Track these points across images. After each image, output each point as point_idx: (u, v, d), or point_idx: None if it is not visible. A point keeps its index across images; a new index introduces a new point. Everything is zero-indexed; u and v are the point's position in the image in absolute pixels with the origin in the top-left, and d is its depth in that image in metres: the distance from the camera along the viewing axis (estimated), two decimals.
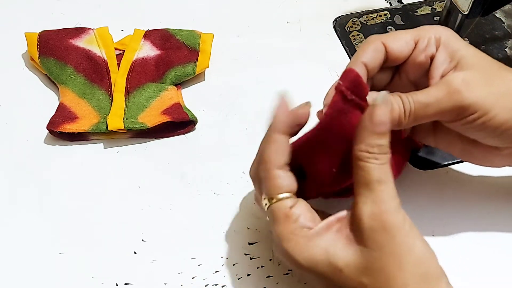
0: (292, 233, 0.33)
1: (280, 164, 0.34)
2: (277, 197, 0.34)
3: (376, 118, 0.32)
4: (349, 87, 0.33)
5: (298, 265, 0.33)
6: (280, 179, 0.34)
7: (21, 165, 0.47)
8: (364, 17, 0.60)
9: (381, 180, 0.32)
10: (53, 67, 0.52)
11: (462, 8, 0.45)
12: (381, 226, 0.31)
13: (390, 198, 0.32)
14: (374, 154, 0.32)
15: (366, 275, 0.31)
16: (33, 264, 0.41)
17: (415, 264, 0.31)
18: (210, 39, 0.55)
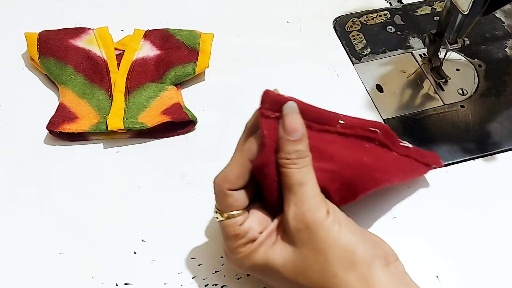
0: (238, 247, 0.35)
1: (236, 186, 0.36)
2: (228, 214, 0.35)
3: (287, 127, 0.35)
4: (269, 108, 0.36)
5: (246, 271, 0.37)
6: (231, 198, 0.35)
7: (21, 165, 0.47)
8: (364, 17, 0.60)
9: (302, 183, 0.34)
10: (53, 67, 0.52)
11: (462, 8, 0.45)
12: (303, 225, 0.34)
13: (310, 197, 0.34)
14: (293, 159, 0.34)
15: (300, 274, 0.34)
16: (33, 264, 0.41)
17: (341, 255, 0.33)
18: (210, 39, 0.55)
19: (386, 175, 0.40)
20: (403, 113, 0.51)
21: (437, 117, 0.51)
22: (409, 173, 0.43)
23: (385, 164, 0.40)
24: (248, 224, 0.35)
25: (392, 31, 0.59)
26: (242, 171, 0.36)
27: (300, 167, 0.34)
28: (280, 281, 0.35)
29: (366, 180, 0.39)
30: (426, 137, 0.49)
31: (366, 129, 0.39)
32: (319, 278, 0.33)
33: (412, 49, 0.57)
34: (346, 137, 0.38)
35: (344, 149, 0.38)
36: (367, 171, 0.39)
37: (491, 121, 0.50)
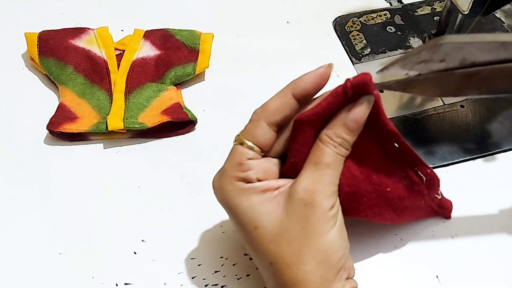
0: (233, 177, 0.34)
1: (271, 120, 0.35)
2: (246, 142, 0.35)
3: (353, 114, 0.34)
4: (353, 86, 0.34)
5: (225, 204, 0.35)
6: (260, 129, 0.35)
7: (21, 165, 0.47)
8: (364, 17, 0.60)
9: (329, 165, 0.34)
10: (53, 67, 0.52)
11: (462, 8, 0.45)
12: (309, 202, 0.33)
13: (329, 182, 0.34)
14: (335, 143, 0.34)
15: (275, 242, 0.33)
16: (33, 264, 0.41)
17: (321, 250, 0.33)
18: (210, 39, 0.55)
19: (396, 216, 0.39)
20: (403, 113, 0.51)
21: (437, 117, 0.51)
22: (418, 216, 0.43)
23: (405, 208, 0.39)
24: (254, 164, 0.35)
25: (392, 31, 0.59)
26: (282, 104, 0.35)
27: (337, 153, 0.34)
28: (246, 232, 0.34)
29: (375, 208, 0.38)
30: (426, 137, 0.49)
31: (413, 169, 0.37)
32: (290, 256, 0.33)
33: (412, 49, 0.57)
34: (388, 159, 0.37)
35: (379, 167, 0.37)
36: (384, 202, 0.38)
37: (491, 121, 0.50)
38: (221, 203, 0.36)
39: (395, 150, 0.36)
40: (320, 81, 0.35)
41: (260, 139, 0.35)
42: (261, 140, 0.35)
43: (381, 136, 0.36)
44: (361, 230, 0.42)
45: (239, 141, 0.35)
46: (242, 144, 0.35)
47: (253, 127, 0.35)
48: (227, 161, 0.36)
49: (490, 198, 0.45)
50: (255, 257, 0.35)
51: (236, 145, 0.35)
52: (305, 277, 0.33)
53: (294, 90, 0.35)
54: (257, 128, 0.35)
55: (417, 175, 0.37)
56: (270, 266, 0.34)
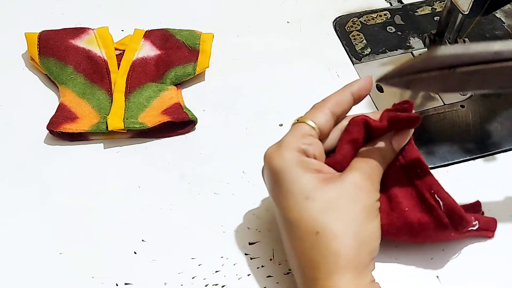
0: (295, 148, 0.36)
1: (333, 109, 0.38)
2: (307, 122, 0.37)
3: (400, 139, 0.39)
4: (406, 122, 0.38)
5: (279, 170, 0.36)
6: (322, 114, 0.38)
7: (21, 165, 0.47)
8: (364, 17, 0.60)
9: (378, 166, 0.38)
10: (53, 67, 0.52)
11: (462, 8, 0.45)
12: (361, 187, 0.36)
13: (377, 179, 0.38)
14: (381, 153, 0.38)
15: (325, 213, 0.34)
16: (33, 264, 0.41)
17: (366, 232, 0.35)
18: (210, 39, 0.55)
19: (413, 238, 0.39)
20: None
21: (437, 117, 0.51)
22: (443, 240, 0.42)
23: (423, 231, 0.39)
24: (315, 141, 0.37)
25: (392, 31, 0.59)
26: (343, 99, 0.39)
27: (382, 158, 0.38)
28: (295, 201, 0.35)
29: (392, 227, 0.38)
30: (426, 137, 0.49)
31: (429, 192, 0.38)
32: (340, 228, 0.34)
33: (412, 49, 0.57)
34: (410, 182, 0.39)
35: (399, 187, 0.39)
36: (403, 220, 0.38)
37: (491, 121, 0.50)
38: (274, 170, 0.36)
39: (417, 175, 0.39)
40: (369, 85, 0.40)
41: (322, 121, 0.37)
42: (323, 123, 0.37)
43: (407, 162, 0.39)
44: None
45: (300, 121, 0.37)
46: (302, 123, 0.37)
47: (316, 111, 0.38)
48: (287, 135, 0.37)
49: (490, 198, 0.45)
50: (295, 226, 0.35)
51: (296, 123, 0.37)
52: (348, 253, 0.34)
53: (352, 90, 0.39)
54: (320, 112, 0.38)
55: (434, 199, 0.38)
56: (316, 236, 0.34)
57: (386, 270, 0.41)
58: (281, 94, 0.53)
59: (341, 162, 0.38)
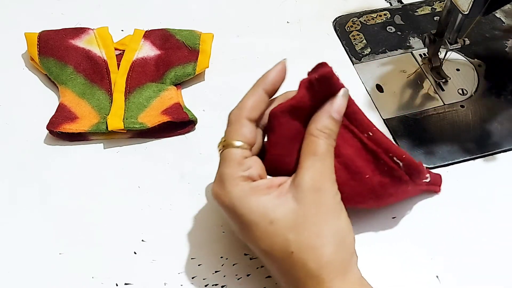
0: (238, 178, 0.35)
1: (251, 116, 0.37)
2: (234, 143, 0.36)
3: (336, 106, 0.37)
4: (318, 80, 0.37)
5: (233, 210, 0.35)
6: (244, 128, 0.36)
7: (21, 165, 0.47)
8: (364, 17, 0.60)
9: (327, 154, 0.36)
10: (53, 67, 0.52)
11: (462, 8, 0.45)
12: (318, 188, 0.35)
13: (330, 170, 0.36)
14: (326, 133, 0.36)
15: (293, 231, 0.34)
16: (33, 264, 0.41)
17: (337, 231, 0.35)
18: (210, 39, 0.55)
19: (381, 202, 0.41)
20: (403, 113, 0.51)
21: (437, 117, 0.51)
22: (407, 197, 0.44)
23: (389, 195, 0.40)
24: (252, 161, 0.36)
25: (392, 31, 0.59)
26: (258, 100, 0.37)
27: (328, 144, 0.36)
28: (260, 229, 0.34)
29: (358, 196, 0.39)
30: (426, 137, 0.49)
31: (388, 156, 0.38)
32: (313, 240, 0.34)
33: (412, 49, 0.57)
34: (365, 148, 0.39)
35: (356, 156, 0.39)
36: (366, 189, 0.39)
37: (491, 121, 0.50)
38: (227, 208, 0.35)
39: (369, 139, 0.38)
40: (283, 74, 0.39)
41: (248, 135, 0.36)
42: (249, 137, 0.36)
43: (356, 126, 0.38)
44: (361, 231, 0.42)
45: (227, 145, 0.36)
46: (230, 147, 0.36)
47: (238, 127, 0.36)
48: (222, 167, 0.36)
49: (490, 198, 0.45)
50: (269, 253, 0.34)
51: (226, 150, 0.36)
52: (329, 259, 0.33)
53: (265, 86, 0.38)
54: (242, 127, 0.36)
55: (393, 161, 0.39)
56: (292, 256, 0.34)
57: (386, 270, 0.41)
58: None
59: (283, 157, 0.37)
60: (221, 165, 0.36)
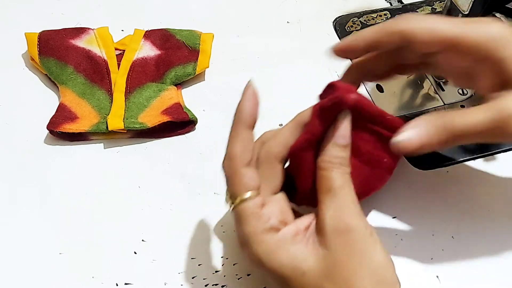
0: (261, 234, 0.33)
1: (246, 161, 0.34)
2: (242, 197, 0.33)
3: (339, 132, 0.35)
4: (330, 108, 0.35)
5: (263, 267, 0.33)
6: (245, 178, 0.33)
7: (21, 165, 0.47)
8: (364, 17, 0.60)
9: (343, 187, 0.34)
10: (53, 67, 0.52)
11: (462, 8, 0.45)
12: (344, 228, 0.32)
13: (352, 203, 0.34)
14: (336, 164, 0.34)
15: (328, 280, 0.32)
16: (33, 264, 0.41)
17: (374, 270, 0.32)
18: (210, 39, 0.55)
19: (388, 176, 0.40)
20: (403, 113, 0.51)
21: None
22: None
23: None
24: (270, 208, 0.33)
25: None
26: (245, 143, 0.34)
27: (341, 173, 0.34)
28: (294, 282, 0.32)
29: (379, 180, 0.39)
30: None
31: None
32: (347, 286, 0.31)
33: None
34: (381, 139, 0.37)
35: (375, 149, 0.38)
36: (384, 170, 0.39)
37: None
38: (258, 266, 0.33)
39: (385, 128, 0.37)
40: (256, 100, 0.35)
41: (252, 183, 0.33)
42: (254, 184, 0.34)
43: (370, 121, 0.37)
44: None
45: (237, 201, 0.33)
46: (242, 201, 0.33)
47: (238, 179, 0.33)
48: (241, 227, 0.33)
49: (490, 198, 0.45)
50: None
51: (237, 207, 0.33)
52: None
53: (244, 122, 0.35)
54: (242, 178, 0.33)
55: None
56: None
57: None
58: (281, 94, 0.53)
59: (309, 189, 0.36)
60: (238, 225, 0.33)
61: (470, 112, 0.33)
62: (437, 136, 0.34)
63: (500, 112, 0.33)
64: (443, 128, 0.33)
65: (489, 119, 0.33)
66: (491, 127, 0.33)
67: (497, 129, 0.33)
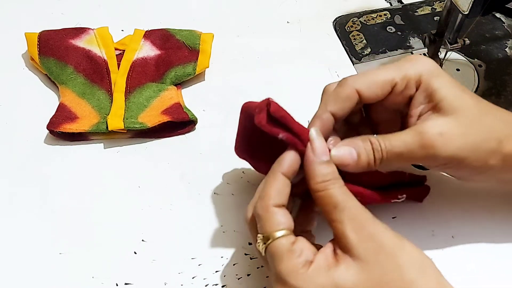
0: (298, 268, 0.33)
1: (279, 203, 0.34)
2: (275, 235, 0.33)
3: (318, 150, 0.35)
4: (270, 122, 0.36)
5: None
6: (279, 216, 0.34)
7: (21, 165, 0.47)
8: (364, 17, 0.60)
9: (347, 199, 0.34)
10: (53, 67, 0.52)
11: (462, 8, 0.45)
12: (367, 237, 0.32)
13: (362, 210, 0.34)
14: (330, 180, 0.34)
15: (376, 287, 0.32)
16: (33, 264, 0.41)
17: (411, 259, 0.33)
18: (210, 39, 0.55)
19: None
20: None
21: None
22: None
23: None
24: (302, 244, 0.33)
25: (392, 31, 0.59)
26: (280, 188, 0.35)
27: (339, 186, 0.34)
28: None
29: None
30: None
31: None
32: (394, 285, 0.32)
33: (412, 49, 0.57)
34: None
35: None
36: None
37: None
38: None
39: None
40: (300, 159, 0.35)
41: (285, 221, 0.34)
42: (286, 222, 0.34)
43: None
44: None
45: (268, 240, 0.33)
46: (273, 241, 0.33)
47: (269, 217, 0.34)
48: (276, 265, 0.33)
49: (490, 198, 0.45)
50: None
51: (270, 245, 0.33)
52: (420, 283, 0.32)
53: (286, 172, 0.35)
54: (274, 215, 0.34)
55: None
56: None
57: None
58: (281, 94, 0.52)
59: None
60: (273, 263, 0.33)
61: (396, 135, 0.36)
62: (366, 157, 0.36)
63: (422, 132, 0.35)
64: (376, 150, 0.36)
65: (412, 139, 0.36)
66: (416, 147, 0.35)
67: (421, 149, 0.35)
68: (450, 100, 0.36)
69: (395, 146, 0.36)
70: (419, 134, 0.35)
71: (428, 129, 0.35)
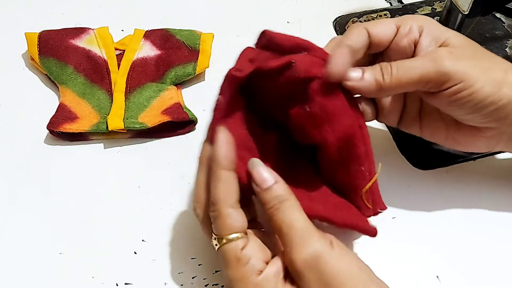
0: (243, 278, 0.33)
1: (231, 202, 0.34)
2: (228, 237, 0.33)
3: (257, 180, 0.34)
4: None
5: None
6: (231, 219, 0.34)
7: (21, 165, 0.47)
8: (364, 17, 0.60)
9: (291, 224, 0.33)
10: (53, 67, 0.52)
11: (462, 8, 0.45)
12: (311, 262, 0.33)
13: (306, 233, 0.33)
14: (276, 205, 0.34)
15: None
16: (33, 264, 0.41)
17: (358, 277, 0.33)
18: (210, 39, 0.55)
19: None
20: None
21: None
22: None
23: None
24: (250, 251, 0.34)
25: None
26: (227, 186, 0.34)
27: (284, 210, 0.34)
28: None
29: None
30: None
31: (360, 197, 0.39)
32: None
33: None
34: None
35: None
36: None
37: None
38: None
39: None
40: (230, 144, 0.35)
41: (236, 225, 0.34)
42: (238, 225, 0.34)
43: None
44: None
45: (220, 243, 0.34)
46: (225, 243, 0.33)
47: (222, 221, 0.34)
48: (225, 269, 0.34)
49: (490, 198, 0.45)
50: None
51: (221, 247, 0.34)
52: None
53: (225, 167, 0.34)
54: (226, 219, 0.34)
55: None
56: None
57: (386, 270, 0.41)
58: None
59: None
60: (223, 267, 0.34)
61: (413, 58, 0.37)
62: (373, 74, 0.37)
63: (432, 51, 0.37)
64: (384, 67, 0.37)
65: (423, 59, 0.37)
66: (427, 61, 0.36)
67: (432, 62, 0.36)
68: (456, 38, 0.37)
69: (405, 63, 0.36)
70: (429, 53, 0.37)
71: (438, 49, 0.37)
